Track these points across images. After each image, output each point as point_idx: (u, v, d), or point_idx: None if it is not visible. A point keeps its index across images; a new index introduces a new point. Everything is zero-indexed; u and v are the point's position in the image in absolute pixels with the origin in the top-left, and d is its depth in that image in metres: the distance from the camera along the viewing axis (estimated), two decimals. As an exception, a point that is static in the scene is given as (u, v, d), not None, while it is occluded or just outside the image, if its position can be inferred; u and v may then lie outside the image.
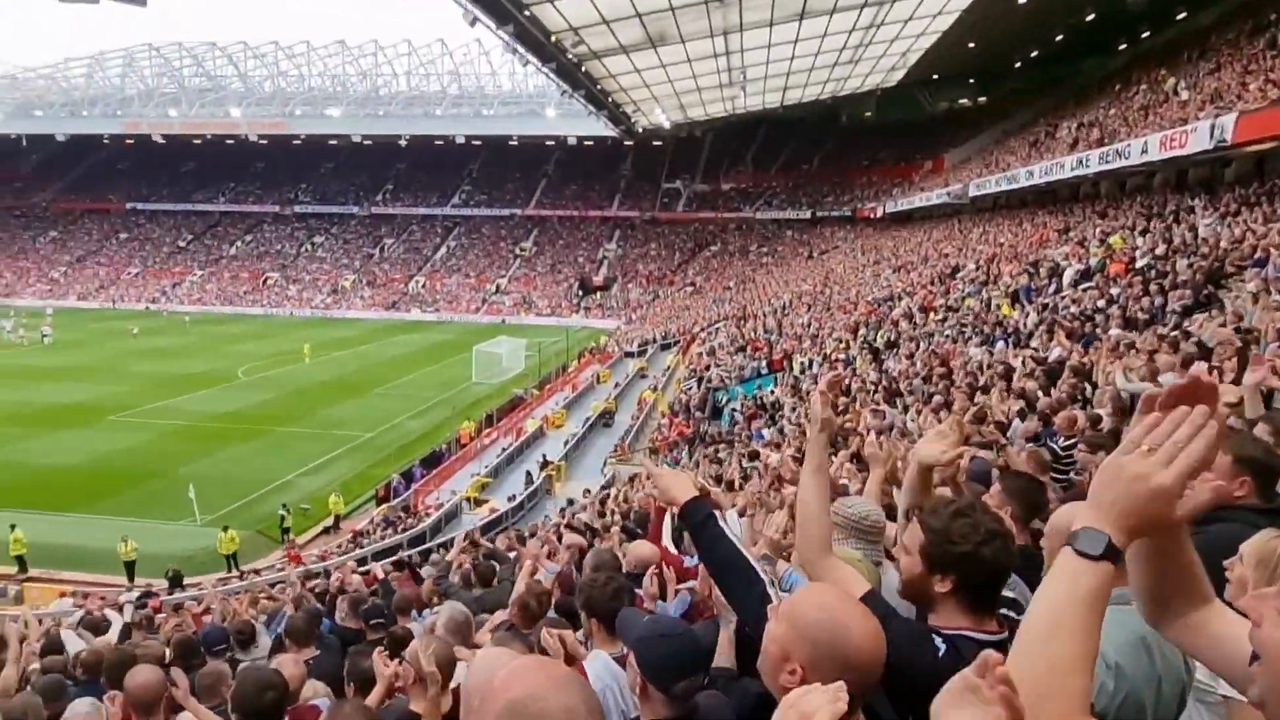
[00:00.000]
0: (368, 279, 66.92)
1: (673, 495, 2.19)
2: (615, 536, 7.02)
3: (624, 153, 69.52)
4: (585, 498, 17.62)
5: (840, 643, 1.39)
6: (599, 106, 38.10)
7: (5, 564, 17.02)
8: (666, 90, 36.39)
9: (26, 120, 70.09)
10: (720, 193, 70.37)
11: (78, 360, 38.40)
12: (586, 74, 31.74)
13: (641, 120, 43.92)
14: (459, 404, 30.38)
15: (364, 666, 3.47)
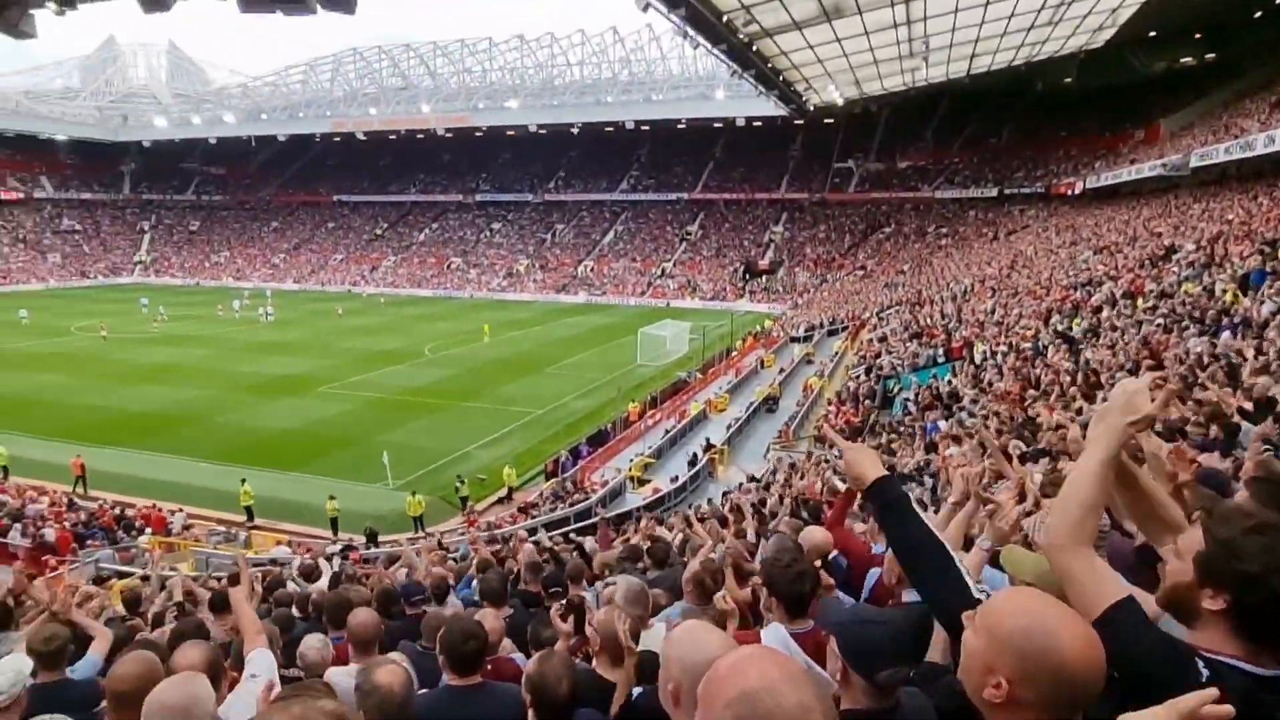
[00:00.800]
0: (540, 263, 70.03)
1: (861, 471, 2.10)
2: (785, 522, 6.84)
3: (793, 133, 67.83)
4: (749, 482, 17.42)
5: (1050, 653, 1.25)
6: (769, 86, 37.21)
7: (237, 513, 19.47)
8: (841, 65, 34.86)
9: (254, 123, 79.46)
10: (895, 171, 66.91)
11: (294, 337, 43.16)
12: (758, 53, 31.04)
13: (813, 98, 42.44)
14: (624, 385, 31.07)
15: (545, 636, 3.63)
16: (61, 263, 73.89)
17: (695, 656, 1.52)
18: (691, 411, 27.58)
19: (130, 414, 27.23)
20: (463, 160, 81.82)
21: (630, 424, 26.64)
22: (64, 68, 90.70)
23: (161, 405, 28.39)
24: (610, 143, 74.14)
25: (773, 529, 6.80)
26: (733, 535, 7.11)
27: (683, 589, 4.30)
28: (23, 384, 31.24)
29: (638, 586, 3.88)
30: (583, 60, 72.27)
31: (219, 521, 19.35)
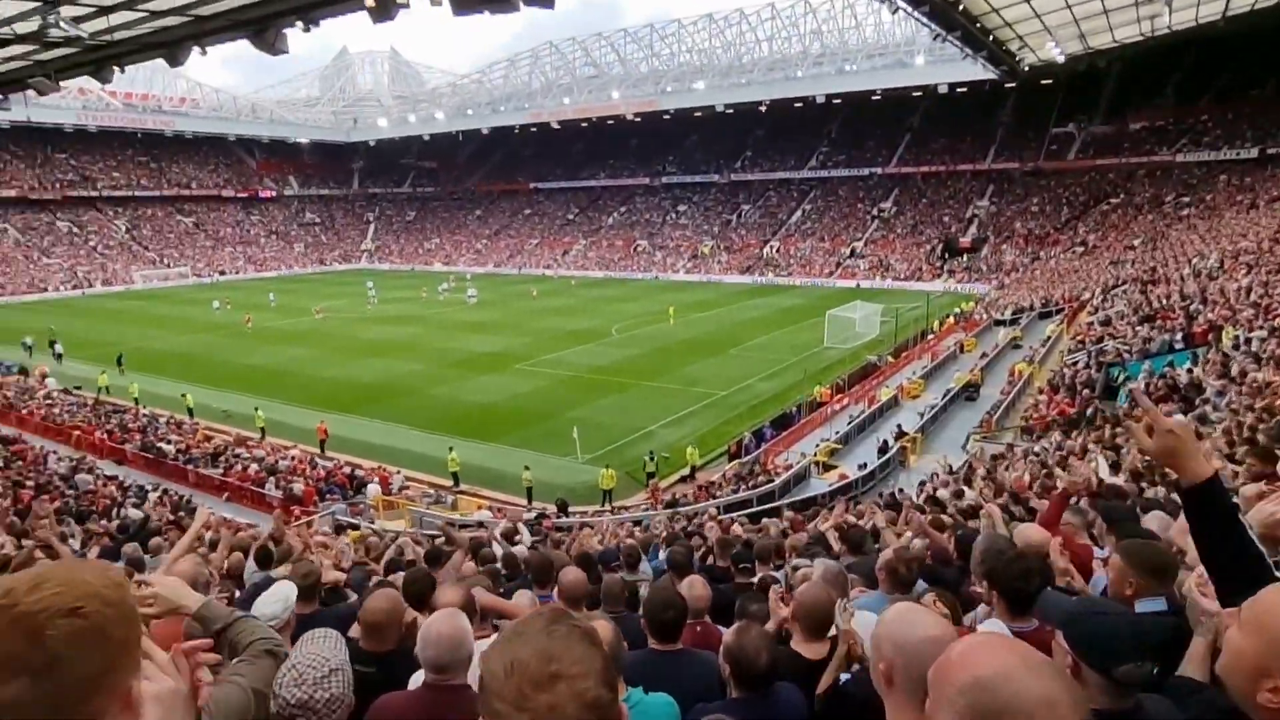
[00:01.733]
0: (725, 244, 69.79)
1: (1186, 462, 1.82)
2: (990, 517, 6.25)
3: (1003, 97, 62.21)
4: (946, 473, 16.26)
5: None
6: (977, 48, 34.23)
7: (444, 477, 21.20)
8: (1063, 18, 31.31)
9: (461, 119, 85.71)
10: (1127, 134, 59.46)
11: (494, 317, 46.22)
12: (964, 12, 28.63)
13: (1028, 58, 38.55)
14: (810, 368, 30.23)
15: (752, 609, 3.71)
16: (304, 251, 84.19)
17: (909, 635, 1.54)
18: (882, 397, 26.28)
19: (358, 385, 30.48)
20: (650, 144, 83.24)
21: (816, 408, 25.86)
22: (307, 78, 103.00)
23: (383, 378, 31.53)
24: (799, 119, 72.02)
25: (982, 526, 6.26)
26: (928, 528, 6.66)
27: (876, 577, 4.24)
28: (275, 357, 35.97)
29: (836, 569, 3.91)
30: (771, 36, 70.73)
31: (430, 485, 21.17)
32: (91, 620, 0.94)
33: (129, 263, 70.09)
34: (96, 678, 0.95)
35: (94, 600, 0.96)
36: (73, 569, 1.01)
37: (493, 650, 1.06)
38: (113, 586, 1.01)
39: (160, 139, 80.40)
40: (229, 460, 21.37)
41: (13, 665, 0.90)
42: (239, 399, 28.23)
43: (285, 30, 11.72)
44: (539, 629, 1.06)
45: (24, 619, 0.91)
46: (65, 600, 0.94)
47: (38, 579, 0.96)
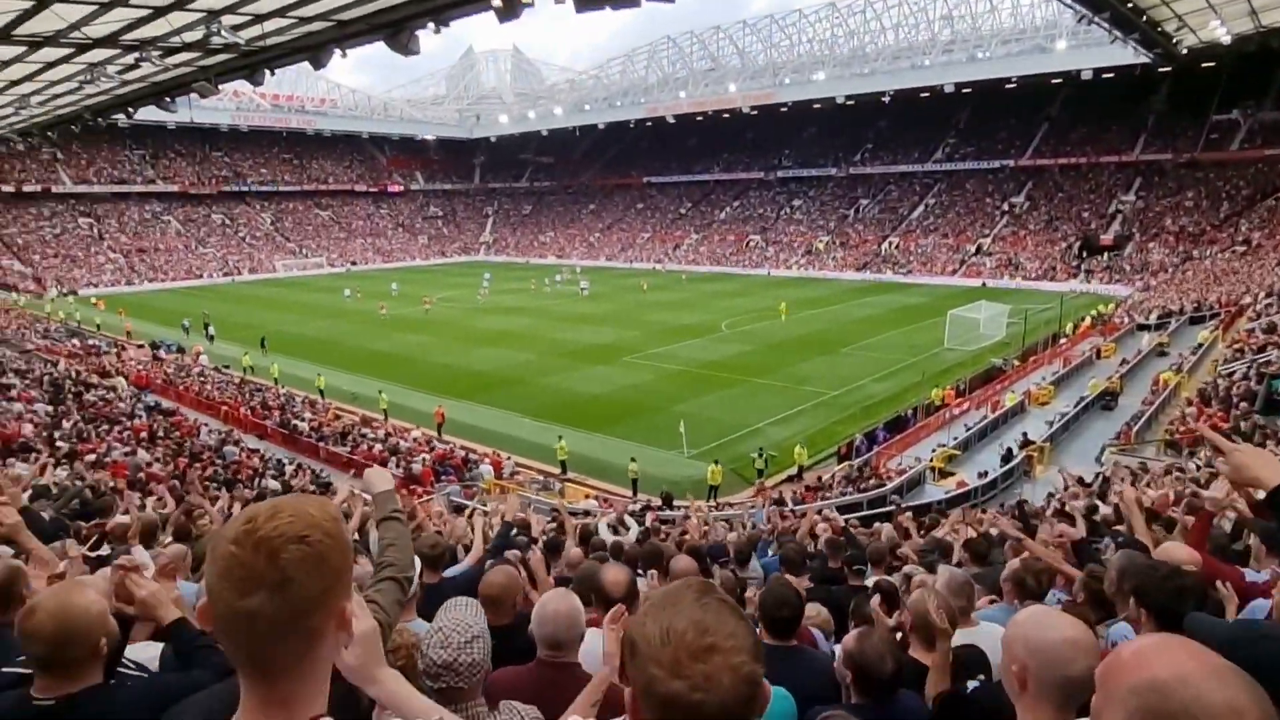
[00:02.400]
0: (841, 240, 67.89)
1: (1259, 474, 1.82)
2: (1130, 513, 5.81)
3: (1155, 83, 57.33)
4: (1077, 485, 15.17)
5: None
6: (1128, 29, 31.58)
7: (552, 465, 21.68)
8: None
9: (579, 114, 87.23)
10: (1301, 121, 53.52)
11: (604, 310, 46.86)
12: (1114, -10, 26.54)
13: (1187, 39, 35.25)
14: (928, 370, 28.95)
15: (865, 611, 3.67)
16: (427, 244, 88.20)
17: (1045, 637, 1.52)
18: (1007, 402, 24.85)
19: (473, 373, 31.64)
20: (766, 137, 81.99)
21: (934, 411, 24.75)
22: (435, 77, 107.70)
23: (496, 366, 32.59)
24: (924, 109, 68.87)
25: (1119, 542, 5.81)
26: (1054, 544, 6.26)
27: (1001, 588, 4.12)
28: (398, 344, 37.87)
29: (962, 578, 3.80)
30: (898, 23, 67.99)
31: (538, 471, 21.71)
32: (315, 547, 1.08)
33: (272, 253, 75.63)
34: (319, 596, 1.08)
35: (317, 530, 1.09)
36: (300, 502, 1.14)
37: (645, 616, 1.09)
38: (331, 520, 1.14)
39: (302, 137, 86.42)
40: (355, 439, 22.67)
41: (255, 580, 1.04)
42: (365, 381, 29.92)
43: (417, 32, 12.23)
44: (691, 600, 1.09)
45: (264, 542, 1.06)
46: (296, 528, 1.08)
47: (274, 509, 1.10)
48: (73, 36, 11.91)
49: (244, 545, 1.05)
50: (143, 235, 71.33)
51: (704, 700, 0.99)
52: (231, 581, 1.05)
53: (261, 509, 1.10)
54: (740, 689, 1.01)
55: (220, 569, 1.06)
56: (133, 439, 18.28)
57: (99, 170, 73.36)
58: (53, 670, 1.98)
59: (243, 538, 1.06)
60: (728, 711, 1.00)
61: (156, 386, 28.64)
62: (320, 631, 1.10)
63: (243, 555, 1.05)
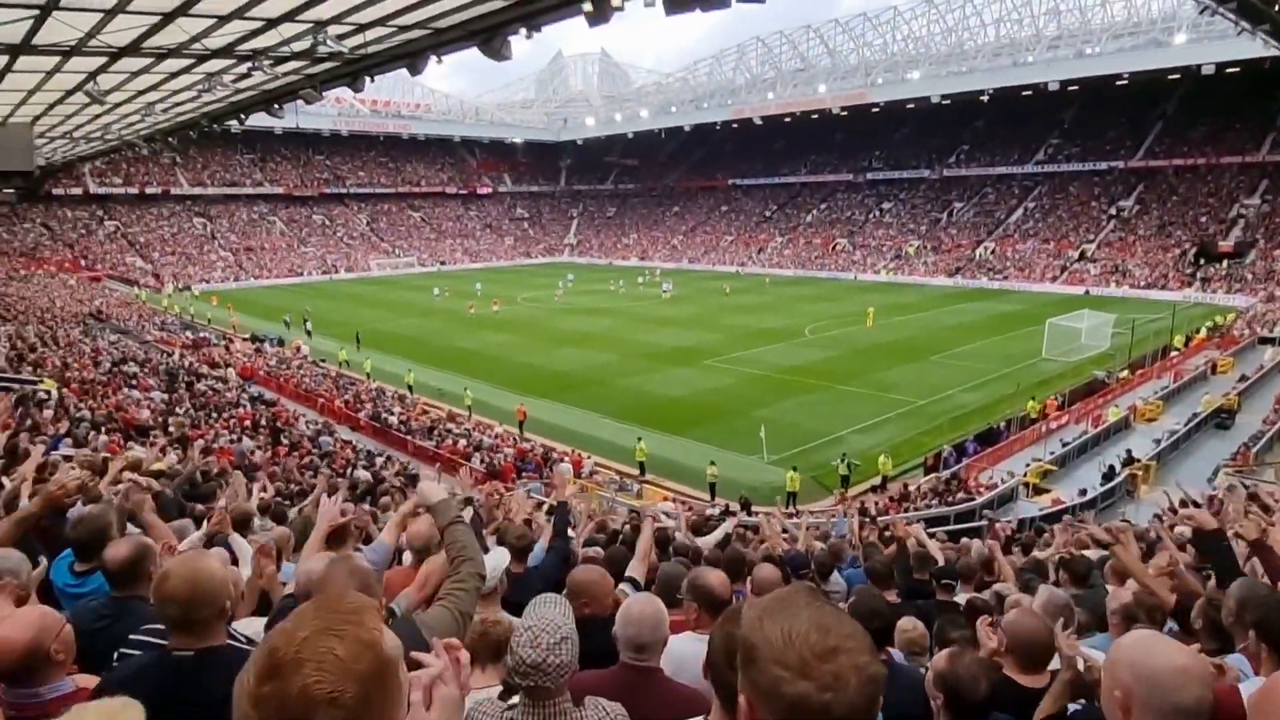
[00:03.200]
0: (932, 244, 65.72)
1: None
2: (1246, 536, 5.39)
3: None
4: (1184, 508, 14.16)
5: None
6: (1257, 20, 29.11)
7: (630, 465, 21.77)
8: (1378, -23, 26.02)
9: (665, 116, 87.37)
10: None
11: (686, 312, 46.77)
12: (1242, -22, 24.64)
13: (1325, 28, 32.52)
14: (1024, 381, 27.66)
15: (954, 635, 3.52)
16: (513, 245, 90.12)
17: (1152, 664, 1.48)
18: (1109, 417, 23.52)
19: (554, 372, 32.10)
20: (856, 138, 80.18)
21: (1029, 424, 23.63)
22: (524, 81, 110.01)
23: (577, 367, 32.97)
24: (1026, 108, 65.88)
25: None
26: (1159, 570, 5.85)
27: (1107, 619, 3.83)
28: (482, 342, 38.82)
29: (1062, 600, 3.61)
30: (999, 19, 65.24)
31: (616, 472, 21.83)
32: (348, 710, 0.95)
33: (368, 252, 78.85)
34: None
35: (350, 682, 0.96)
36: (328, 636, 0.99)
37: (760, 620, 1.08)
38: (366, 655, 0.99)
39: (397, 141, 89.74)
40: (441, 434, 23.36)
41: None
42: (451, 378, 30.78)
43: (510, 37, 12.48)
44: (805, 602, 1.08)
45: (290, 708, 0.93)
46: (325, 688, 0.94)
47: (297, 657, 0.96)
48: (193, 48, 12.70)
49: (265, 710, 0.93)
50: (250, 234, 75.59)
51: (832, 700, 0.98)
52: None
53: (285, 655, 0.96)
54: (867, 689, 1.00)
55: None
56: (238, 427, 19.37)
57: (212, 173, 78.21)
58: (186, 628, 2.20)
59: (264, 700, 0.93)
60: (855, 711, 0.99)
61: (260, 378, 30.26)
62: None
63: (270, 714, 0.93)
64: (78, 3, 9.47)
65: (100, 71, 13.98)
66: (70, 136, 26.16)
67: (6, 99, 16.24)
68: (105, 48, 11.94)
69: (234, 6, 10.41)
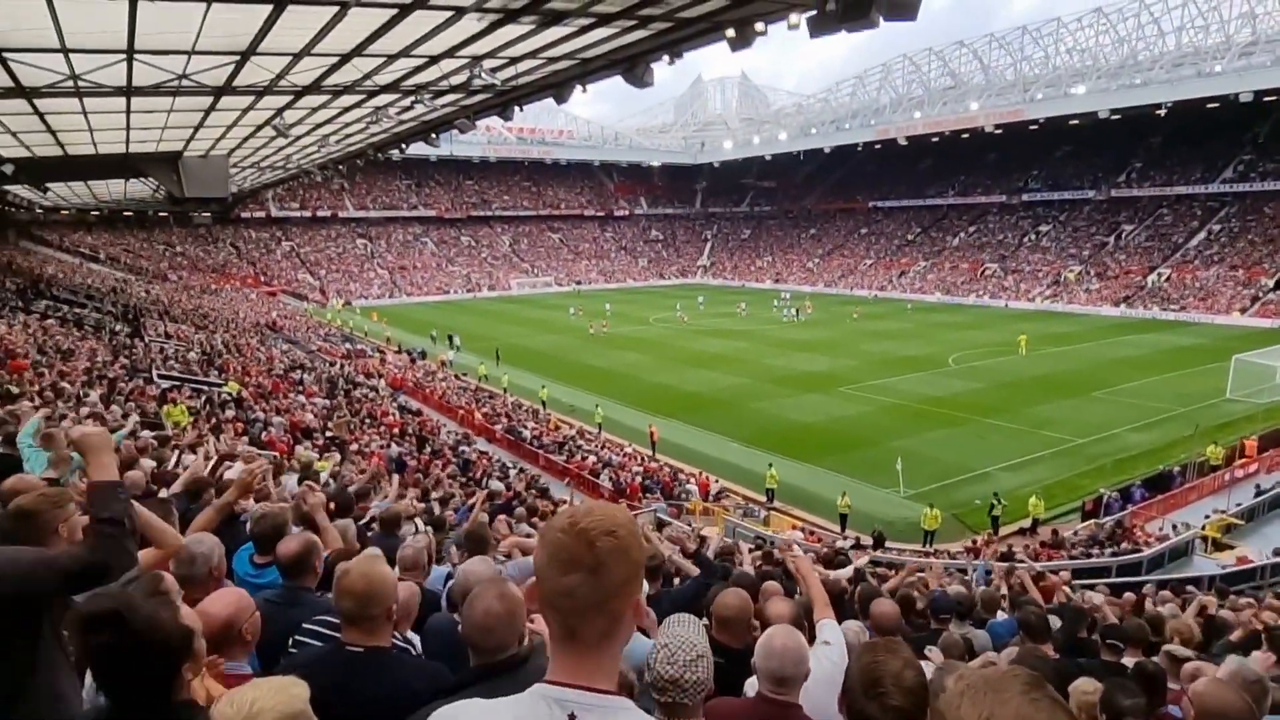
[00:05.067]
0: (1096, 270, 60.80)
1: None
2: None
3: None
4: None
5: None
6: None
7: (758, 491, 21.36)
8: None
9: (804, 138, 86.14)
10: None
11: (820, 336, 45.62)
12: None
13: None
14: (1204, 422, 24.90)
15: (1124, 706, 3.24)
16: (647, 265, 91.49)
17: None
18: (1311, 468, 20.70)
19: (685, 393, 32.13)
20: (1011, 157, 75.73)
21: (1209, 471, 21.20)
22: (664, 106, 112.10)
23: (708, 389, 32.83)
24: (1210, 122, 59.78)
25: None
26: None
27: None
28: (614, 361, 39.50)
29: (1253, 675, 3.13)
30: (1181, 26, 59.62)
31: (743, 497, 21.49)
32: (622, 540, 1.26)
33: (509, 272, 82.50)
34: (621, 583, 1.26)
35: (623, 527, 1.28)
36: (608, 506, 1.34)
37: (963, 697, 1.05)
38: (631, 521, 1.33)
39: (541, 166, 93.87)
40: (571, 449, 23.89)
41: (575, 563, 1.24)
42: (582, 395, 31.49)
43: (652, 64, 12.70)
44: (1018, 690, 1.03)
45: (584, 533, 1.25)
46: (607, 525, 1.26)
47: (589, 509, 1.31)
48: (365, 85, 13.79)
49: (569, 533, 1.26)
50: (404, 254, 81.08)
51: None
52: (558, 562, 1.25)
53: (580, 508, 1.32)
54: None
55: (549, 552, 1.27)
56: (388, 434, 20.66)
57: (374, 198, 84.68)
58: (358, 624, 2.40)
59: (568, 527, 1.27)
60: None
61: (408, 389, 32.21)
62: (620, 613, 1.28)
63: (567, 540, 1.26)
64: (271, 48, 10.51)
65: (286, 108, 15.46)
66: (258, 166, 29.08)
67: (209, 134, 18.26)
68: (291, 87, 13.18)
69: (402, 46, 11.20)
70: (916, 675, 1.84)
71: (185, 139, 18.57)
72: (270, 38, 9.89)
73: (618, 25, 10.78)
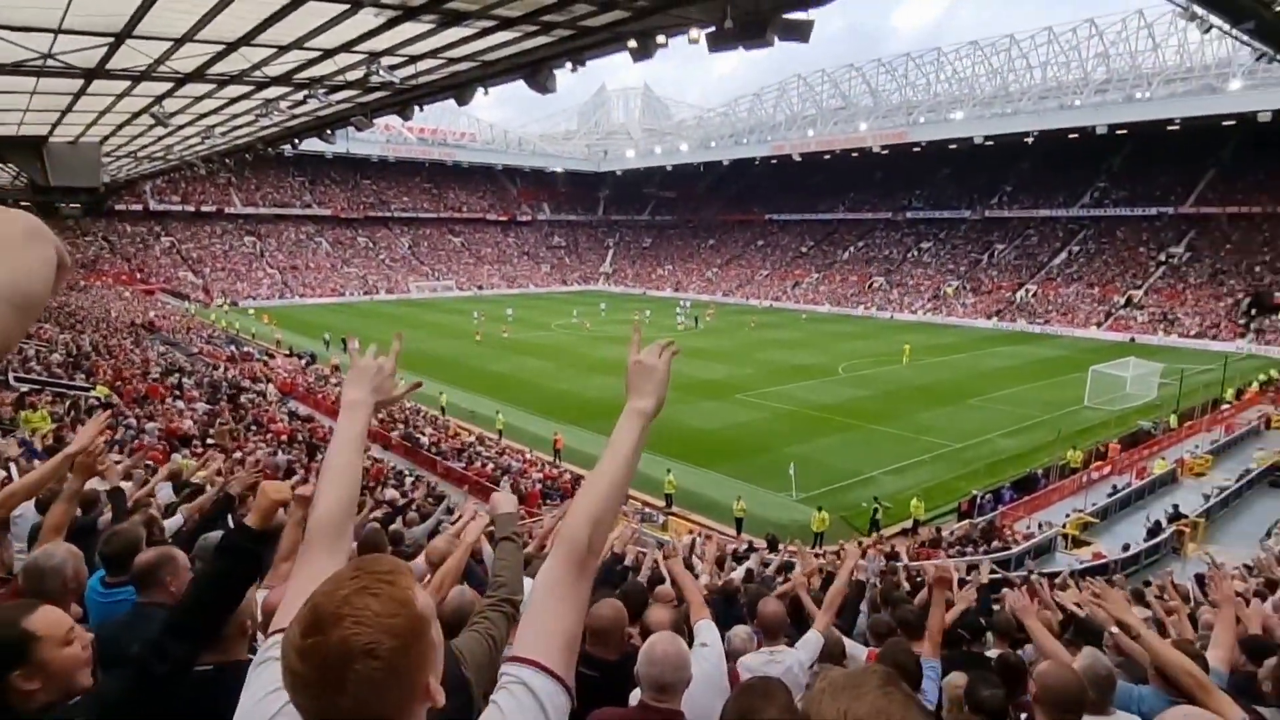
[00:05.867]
0: (972, 285, 64.93)
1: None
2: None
3: (1345, 127, 51.78)
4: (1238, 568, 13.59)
5: None
6: (1312, 67, 28.87)
7: (657, 497, 21.60)
8: None
9: (704, 151, 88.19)
10: None
11: (717, 345, 46.58)
12: (1299, 26, 24.26)
13: (1385, 78, 31.83)
14: (1065, 428, 27.00)
15: (984, 695, 3.41)
16: (549, 272, 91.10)
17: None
18: (1154, 470, 22.83)
19: (586, 399, 32.14)
20: (896, 177, 79.96)
21: (1069, 474, 23.02)
22: (568, 114, 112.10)
23: (609, 395, 32.87)
24: (1072, 151, 65.18)
25: None
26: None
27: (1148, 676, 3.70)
28: (515, 367, 39.09)
29: (1104, 670, 3.29)
30: (1047, 61, 64.98)
31: (643, 503, 21.67)
32: (385, 660, 1.01)
33: (407, 275, 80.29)
34: (396, 703, 1.04)
35: (386, 636, 1.02)
36: (367, 598, 1.05)
37: (823, 698, 1.07)
38: (401, 614, 1.05)
39: (442, 168, 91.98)
40: (471, 456, 23.47)
41: (326, 698, 1.00)
42: (483, 401, 31.00)
43: (555, 71, 12.73)
44: (874, 686, 1.07)
45: (329, 661, 1.00)
46: (362, 640, 1.00)
47: (337, 613, 1.03)
48: (254, 75, 13.17)
49: (309, 662, 1.01)
50: (297, 254, 77.56)
51: None
52: (303, 695, 1.03)
53: (325, 610, 1.04)
54: None
55: (289, 681, 1.04)
56: (275, 440, 19.68)
57: (264, 194, 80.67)
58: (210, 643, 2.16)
59: (308, 652, 1.01)
60: None
61: (299, 394, 30.80)
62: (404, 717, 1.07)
63: (309, 675, 1.01)
64: (149, 30, 9.89)
65: (166, 96, 14.55)
66: (134, 156, 27.19)
67: (79, 119, 16.94)
68: (172, 73, 12.44)
69: (294, 37, 10.78)
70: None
71: (51, 123, 17.16)
72: (149, 20, 9.32)
73: (520, 29, 10.76)
